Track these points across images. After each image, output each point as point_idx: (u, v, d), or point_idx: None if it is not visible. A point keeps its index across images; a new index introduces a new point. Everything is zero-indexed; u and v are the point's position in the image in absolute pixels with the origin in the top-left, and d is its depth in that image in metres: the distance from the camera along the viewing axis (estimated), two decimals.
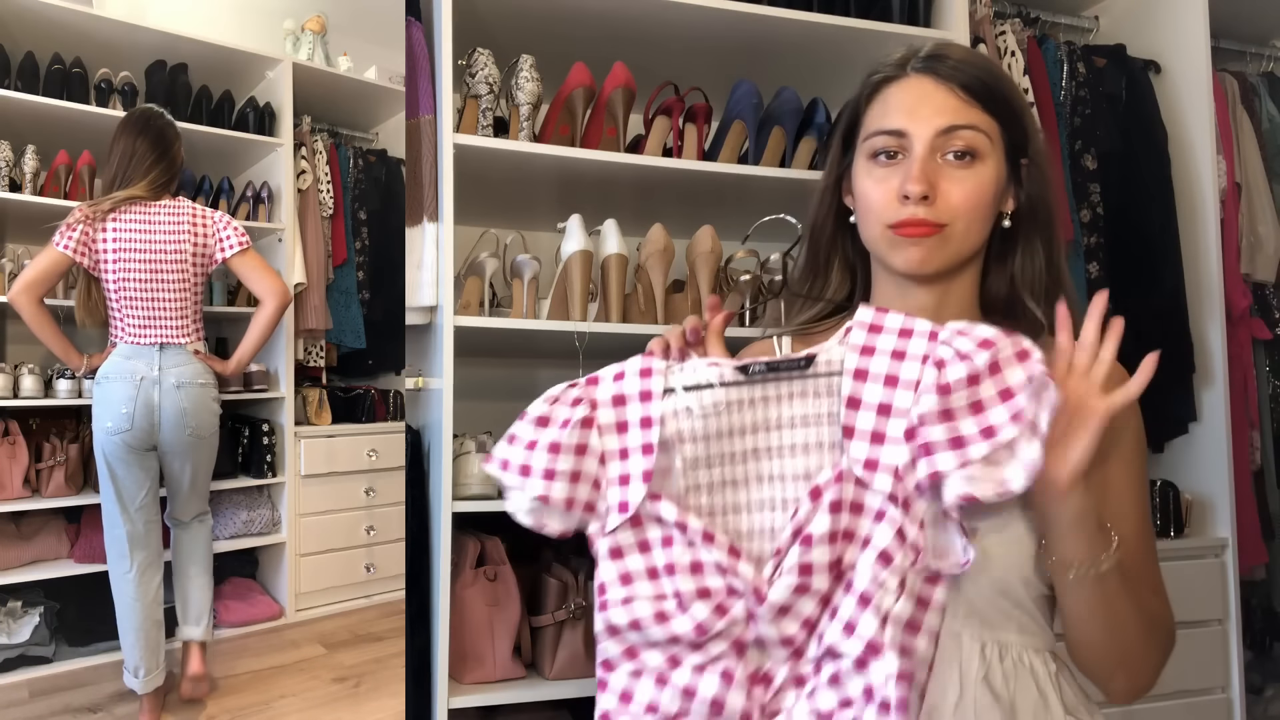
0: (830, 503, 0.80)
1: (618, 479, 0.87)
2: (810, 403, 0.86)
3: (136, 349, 2.33)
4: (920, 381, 0.80)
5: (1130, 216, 2.17)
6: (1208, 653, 2.06)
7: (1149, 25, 2.26)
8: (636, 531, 0.86)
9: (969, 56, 0.95)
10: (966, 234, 0.92)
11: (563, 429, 0.86)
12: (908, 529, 0.79)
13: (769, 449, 0.87)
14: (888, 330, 0.84)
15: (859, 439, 0.81)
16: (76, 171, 2.93)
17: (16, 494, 2.68)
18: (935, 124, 0.91)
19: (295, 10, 3.50)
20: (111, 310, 2.37)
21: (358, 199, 3.50)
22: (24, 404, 2.71)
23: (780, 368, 0.87)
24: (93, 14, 2.85)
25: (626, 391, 0.88)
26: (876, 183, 0.94)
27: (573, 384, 0.90)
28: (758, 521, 0.86)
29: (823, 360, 0.86)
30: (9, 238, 3.03)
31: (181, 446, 2.35)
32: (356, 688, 2.64)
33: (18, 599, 2.72)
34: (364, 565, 3.34)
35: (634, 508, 0.85)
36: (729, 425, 0.87)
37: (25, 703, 2.50)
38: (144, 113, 2.44)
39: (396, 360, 3.53)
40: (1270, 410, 2.36)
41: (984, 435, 0.77)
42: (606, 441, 0.87)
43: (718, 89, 1.81)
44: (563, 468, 0.85)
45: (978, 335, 0.80)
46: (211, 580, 2.53)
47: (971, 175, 0.91)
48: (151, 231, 2.36)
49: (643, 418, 0.87)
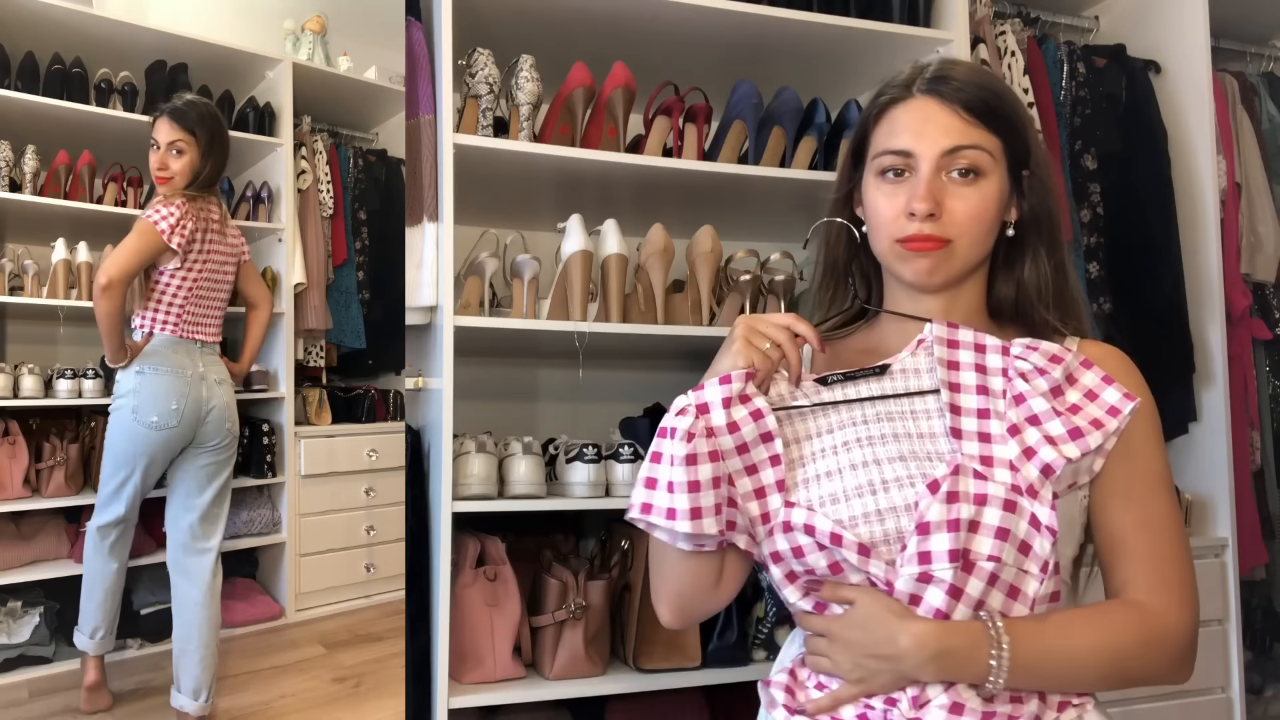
0: (947, 493, 0.85)
1: (752, 493, 0.92)
2: (893, 405, 0.95)
3: (181, 342, 2.30)
4: (1006, 391, 0.91)
5: (1130, 216, 2.16)
6: (1208, 653, 2.05)
7: (1149, 25, 2.26)
8: (778, 539, 0.91)
9: (973, 75, 0.99)
10: (971, 247, 0.98)
11: (714, 463, 0.90)
12: (1040, 513, 0.86)
13: (859, 440, 0.94)
14: (964, 345, 0.95)
15: (968, 439, 0.89)
16: (76, 171, 2.93)
17: (16, 494, 2.68)
18: (941, 144, 0.96)
19: (295, 10, 3.50)
20: (162, 301, 2.29)
21: (358, 199, 3.49)
22: (24, 404, 2.71)
23: (857, 375, 0.98)
24: (93, 14, 2.85)
25: (737, 418, 0.92)
26: (885, 199, 0.99)
27: (682, 411, 0.92)
28: (858, 507, 0.90)
29: (897, 369, 0.97)
30: (9, 238, 3.03)
31: (220, 445, 2.35)
32: (356, 688, 2.64)
33: (18, 599, 2.72)
34: (364, 565, 3.34)
35: (775, 518, 0.91)
36: (815, 427, 0.96)
37: (25, 703, 2.50)
38: (211, 109, 2.43)
39: (396, 360, 3.53)
40: (1270, 410, 2.36)
41: (1094, 426, 0.89)
42: (731, 464, 0.92)
43: (718, 89, 1.81)
44: (707, 503, 0.89)
45: (1046, 350, 0.93)
46: (216, 651, 2.31)
47: (975, 192, 0.96)
48: (223, 231, 2.40)
49: (762, 434, 0.93)
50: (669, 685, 1.62)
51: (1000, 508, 0.84)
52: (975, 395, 0.91)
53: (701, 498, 0.89)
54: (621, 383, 2.08)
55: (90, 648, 2.39)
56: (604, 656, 1.64)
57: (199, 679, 2.25)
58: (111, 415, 2.30)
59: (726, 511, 0.90)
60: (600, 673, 1.61)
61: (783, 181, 1.75)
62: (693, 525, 0.89)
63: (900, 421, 0.93)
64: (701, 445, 0.90)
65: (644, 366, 2.11)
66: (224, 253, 2.41)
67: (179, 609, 2.30)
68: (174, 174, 2.31)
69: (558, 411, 2.06)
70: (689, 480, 0.89)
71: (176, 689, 2.26)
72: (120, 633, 2.54)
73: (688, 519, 0.89)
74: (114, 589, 2.39)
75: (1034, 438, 0.88)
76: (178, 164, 2.31)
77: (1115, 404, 0.90)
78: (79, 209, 2.86)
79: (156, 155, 2.32)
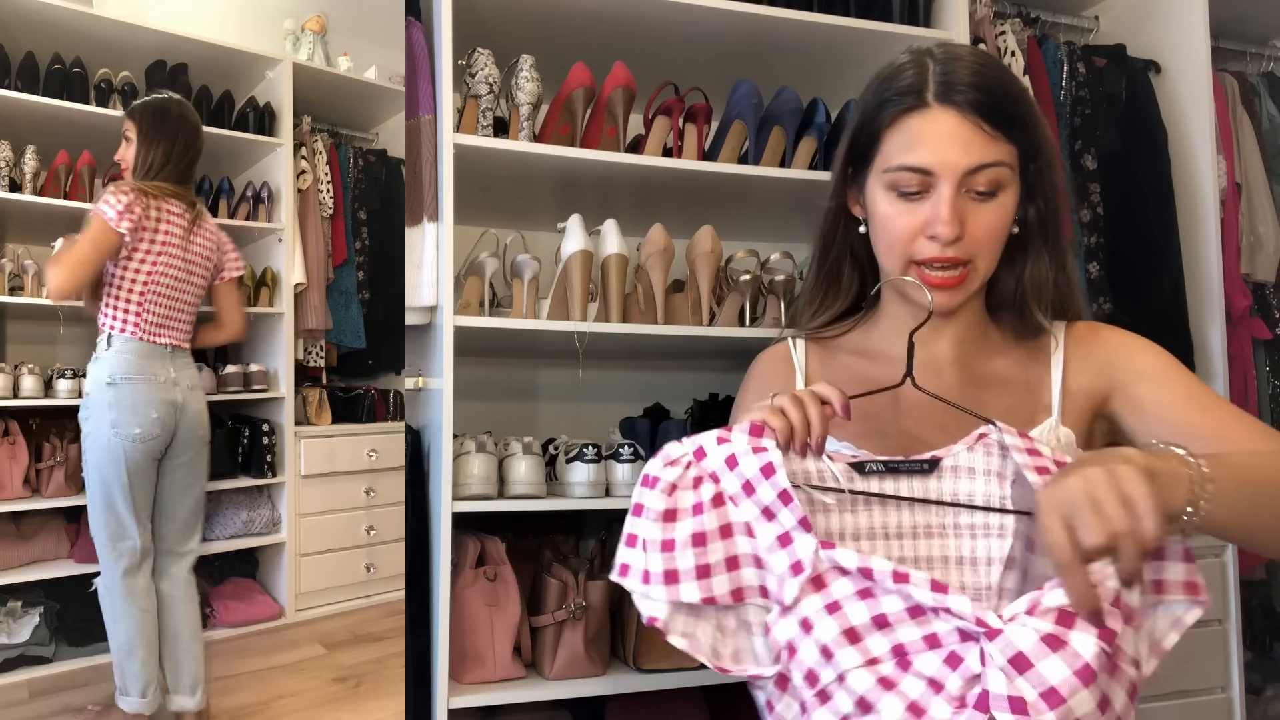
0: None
1: (776, 541, 0.76)
2: (934, 516, 0.83)
3: (151, 348, 2.22)
4: None
5: (1130, 216, 2.16)
6: (1208, 653, 2.05)
7: (1149, 25, 2.26)
8: (823, 595, 0.74)
9: (983, 75, 0.93)
10: (989, 264, 0.96)
11: (697, 516, 0.77)
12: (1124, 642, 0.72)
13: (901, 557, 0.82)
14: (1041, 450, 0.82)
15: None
16: (76, 171, 2.93)
17: (16, 494, 2.69)
18: (963, 164, 0.91)
19: (295, 10, 3.50)
20: (119, 297, 2.21)
21: (358, 199, 3.50)
22: (24, 404, 2.71)
23: (900, 469, 0.82)
24: (93, 14, 2.85)
25: (737, 451, 0.79)
26: (900, 215, 0.94)
27: (673, 462, 0.80)
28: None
29: (948, 465, 0.83)
30: (9, 238, 3.03)
31: (193, 453, 2.29)
32: (356, 688, 2.64)
33: (18, 599, 2.72)
34: (364, 565, 3.34)
35: (810, 564, 0.74)
36: (839, 526, 0.82)
37: (25, 703, 2.50)
38: (179, 104, 2.36)
39: (396, 360, 3.53)
40: (1270, 410, 2.36)
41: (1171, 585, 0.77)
42: (745, 509, 0.77)
43: (718, 89, 1.81)
44: (716, 559, 0.76)
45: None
46: (202, 643, 2.32)
47: (995, 208, 0.93)
48: (191, 231, 2.31)
49: (761, 467, 0.78)
50: (669, 685, 1.62)
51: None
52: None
53: (678, 558, 0.76)
54: (621, 383, 2.08)
55: (143, 708, 2.19)
56: (604, 656, 1.64)
57: (195, 674, 2.24)
58: (87, 438, 2.17)
59: (753, 575, 0.77)
60: (600, 673, 1.61)
61: (783, 181, 1.75)
62: (668, 592, 0.76)
63: (940, 540, 0.81)
64: (685, 499, 0.77)
65: (644, 366, 2.11)
66: (192, 255, 2.32)
67: (166, 612, 2.25)
68: (121, 160, 2.32)
69: (558, 411, 2.06)
70: (663, 539, 0.77)
71: (174, 691, 2.24)
72: None
73: (660, 583, 0.77)
74: (152, 635, 2.20)
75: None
76: (122, 153, 2.31)
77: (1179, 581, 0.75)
78: (79, 209, 2.85)
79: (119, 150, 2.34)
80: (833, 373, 1.06)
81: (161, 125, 2.29)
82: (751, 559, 0.77)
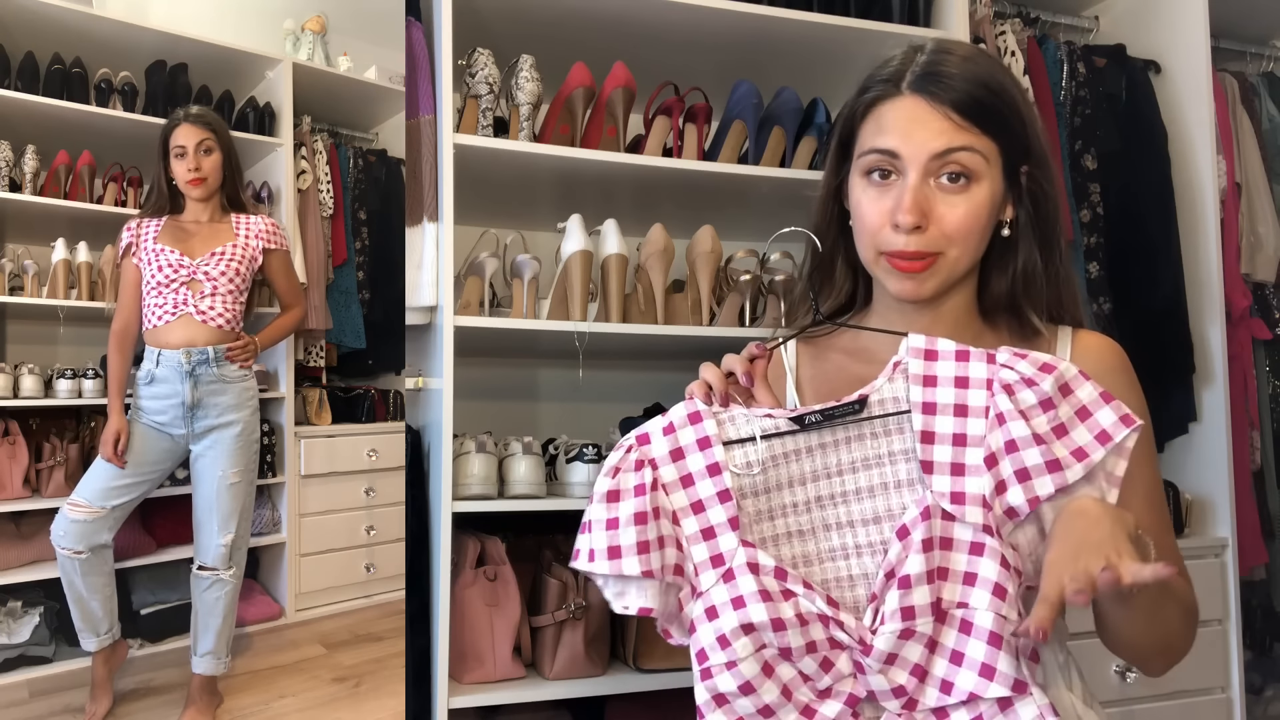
0: (921, 541, 0.79)
1: (699, 534, 0.84)
2: (869, 444, 0.86)
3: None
4: (989, 408, 0.81)
5: (1130, 216, 2.16)
6: (1208, 653, 2.05)
7: (1149, 25, 2.26)
8: (730, 587, 0.82)
9: (967, 70, 0.91)
10: (961, 257, 0.92)
11: (639, 497, 0.84)
12: (1008, 556, 0.78)
13: (832, 496, 0.86)
14: (944, 356, 0.84)
15: (939, 473, 0.81)
16: (76, 171, 2.93)
17: (16, 494, 2.68)
18: (928, 147, 0.89)
19: (295, 10, 3.50)
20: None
21: (358, 199, 3.49)
22: (24, 404, 2.71)
23: (835, 414, 0.86)
24: (93, 14, 2.85)
25: (683, 443, 0.87)
26: (870, 202, 0.93)
27: (622, 447, 0.87)
28: (830, 571, 0.85)
29: (875, 400, 0.86)
30: (9, 238, 3.03)
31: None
32: (356, 688, 2.64)
33: (18, 599, 2.71)
34: (364, 565, 3.34)
35: (730, 559, 0.83)
36: (787, 476, 0.87)
37: (25, 703, 2.50)
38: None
39: (396, 360, 3.53)
40: (1270, 410, 2.36)
41: (1076, 457, 0.78)
42: (675, 499, 0.85)
43: (718, 89, 1.81)
44: (653, 536, 0.83)
45: (1036, 359, 0.81)
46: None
47: (966, 198, 0.90)
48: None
49: (707, 465, 0.85)
50: (669, 685, 1.62)
51: (967, 551, 0.79)
52: (953, 417, 0.82)
53: (621, 535, 0.82)
54: (621, 383, 2.08)
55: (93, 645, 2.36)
56: (604, 656, 1.64)
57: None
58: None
59: (674, 555, 0.84)
60: (600, 673, 1.61)
61: (783, 181, 1.75)
62: (610, 566, 0.82)
63: (878, 469, 0.85)
64: (627, 480, 0.84)
65: (644, 366, 2.11)
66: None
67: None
68: (207, 173, 2.38)
69: (558, 411, 2.06)
70: (607, 518, 0.84)
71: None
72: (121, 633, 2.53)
73: (604, 559, 0.83)
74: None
75: (1007, 470, 0.79)
76: (209, 162, 2.38)
77: (1108, 428, 0.78)
78: (79, 209, 2.85)
79: (186, 161, 2.35)
80: (824, 374, 1.05)
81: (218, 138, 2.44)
82: (675, 542, 0.85)
